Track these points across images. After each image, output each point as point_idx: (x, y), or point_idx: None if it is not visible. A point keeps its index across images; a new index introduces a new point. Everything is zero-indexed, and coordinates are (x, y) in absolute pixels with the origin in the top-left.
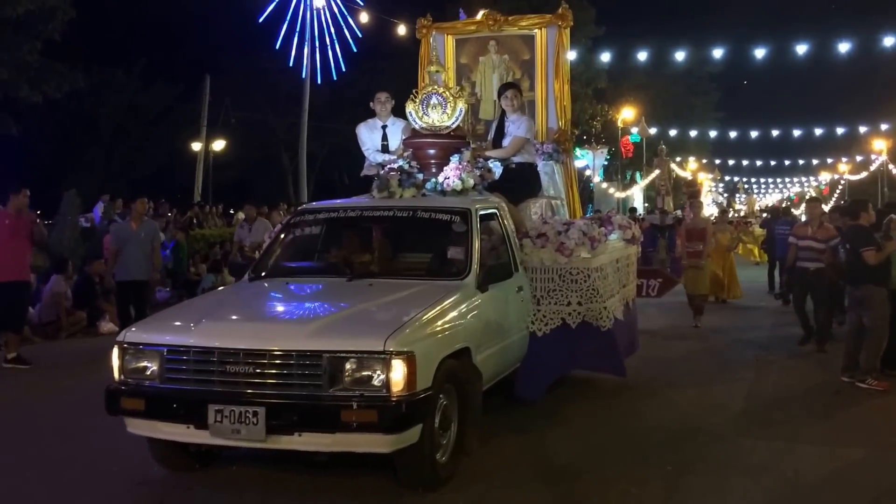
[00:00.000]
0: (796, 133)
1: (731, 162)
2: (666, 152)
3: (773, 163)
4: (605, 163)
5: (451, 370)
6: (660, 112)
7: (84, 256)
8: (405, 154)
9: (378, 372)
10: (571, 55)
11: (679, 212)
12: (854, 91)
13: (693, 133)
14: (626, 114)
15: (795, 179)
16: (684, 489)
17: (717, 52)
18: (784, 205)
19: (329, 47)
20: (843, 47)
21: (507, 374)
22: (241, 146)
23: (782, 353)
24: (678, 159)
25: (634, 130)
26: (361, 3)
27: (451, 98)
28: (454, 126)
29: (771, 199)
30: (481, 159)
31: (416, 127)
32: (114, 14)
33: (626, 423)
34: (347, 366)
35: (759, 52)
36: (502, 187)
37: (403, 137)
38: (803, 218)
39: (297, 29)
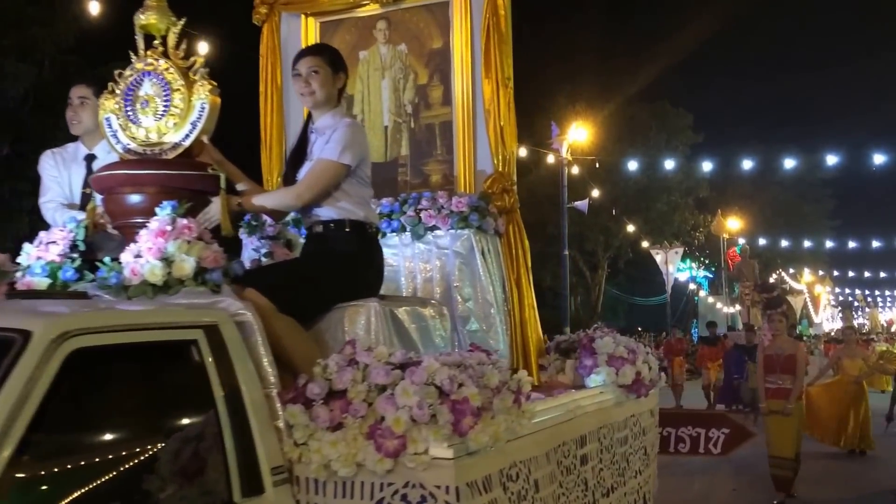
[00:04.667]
0: None
1: (850, 273)
2: (749, 253)
3: None
4: (710, 275)
5: None
6: (769, 221)
7: None
8: (99, 208)
9: None
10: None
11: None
12: None
13: (807, 243)
14: (732, 224)
15: None
16: None
17: (831, 159)
18: None
19: None
20: None
21: None
22: None
23: None
24: (791, 270)
25: (741, 241)
26: None
27: (181, 84)
28: (188, 142)
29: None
30: (270, 220)
31: (119, 149)
32: None
33: None
34: None
35: (879, 158)
36: (275, 277)
37: None
38: None
39: None
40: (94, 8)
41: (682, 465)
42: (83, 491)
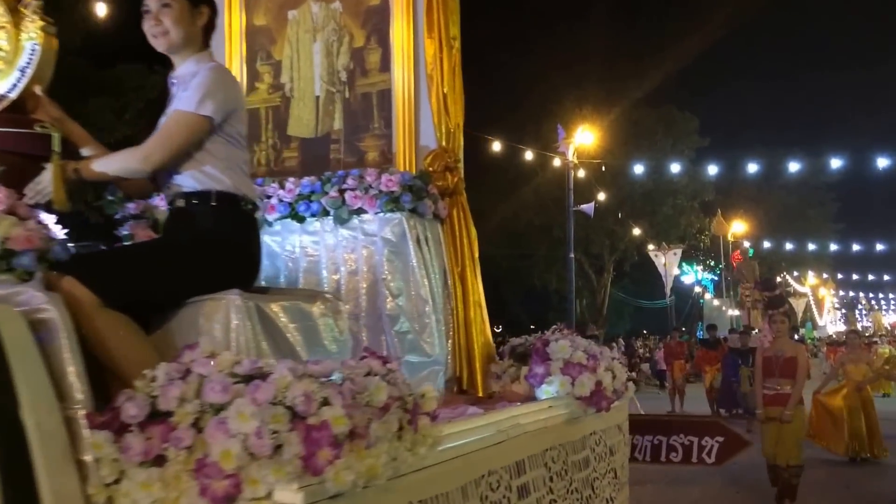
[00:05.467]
0: None
1: (854, 276)
2: (752, 254)
3: None
4: (716, 278)
5: None
6: (773, 224)
7: None
8: None
9: None
10: None
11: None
12: None
13: (811, 246)
14: (736, 227)
15: None
16: None
17: (835, 163)
18: None
19: None
20: None
21: None
22: None
23: None
24: (795, 273)
25: (747, 244)
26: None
27: (7, 21)
28: (15, 94)
29: None
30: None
31: None
32: None
33: None
34: None
35: (882, 161)
36: (110, 263)
37: None
38: None
39: None
40: (100, 10)
41: (677, 474)
42: None
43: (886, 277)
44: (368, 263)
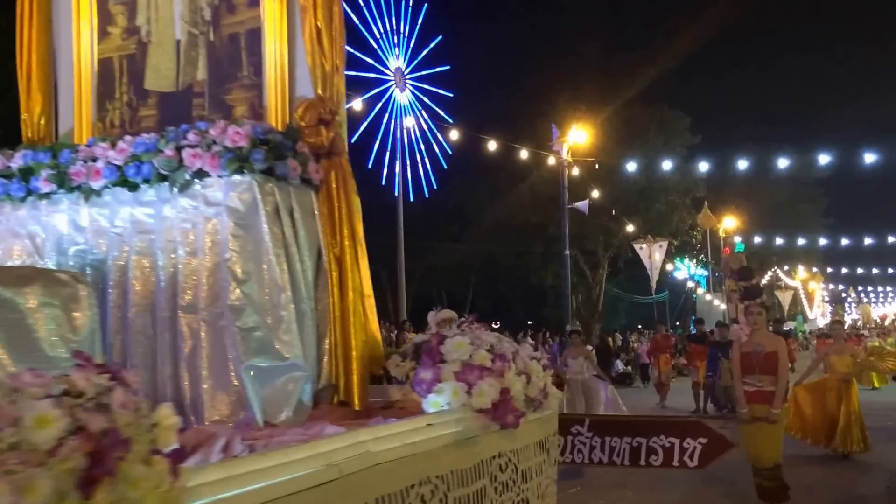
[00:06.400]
0: None
1: (843, 269)
2: (739, 247)
3: (890, 270)
4: (707, 273)
5: None
6: (764, 220)
7: None
8: None
9: None
10: None
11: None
12: None
13: (801, 241)
14: (728, 223)
15: None
16: None
17: (824, 158)
18: None
19: (420, 164)
20: None
21: None
22: None
23: None
24: (786, 268)
25: (738, 239)
26: (451, 121)
27: None
28: None
29: (889, 308)
30: None
31: None
32: None
33: None
34: None
35: (870, 157)
36: None
37: None
38: None
39: (389, 148)
40: None
41: (659, 475)
42: None
43: (875, 270)
44: (212, 240)
